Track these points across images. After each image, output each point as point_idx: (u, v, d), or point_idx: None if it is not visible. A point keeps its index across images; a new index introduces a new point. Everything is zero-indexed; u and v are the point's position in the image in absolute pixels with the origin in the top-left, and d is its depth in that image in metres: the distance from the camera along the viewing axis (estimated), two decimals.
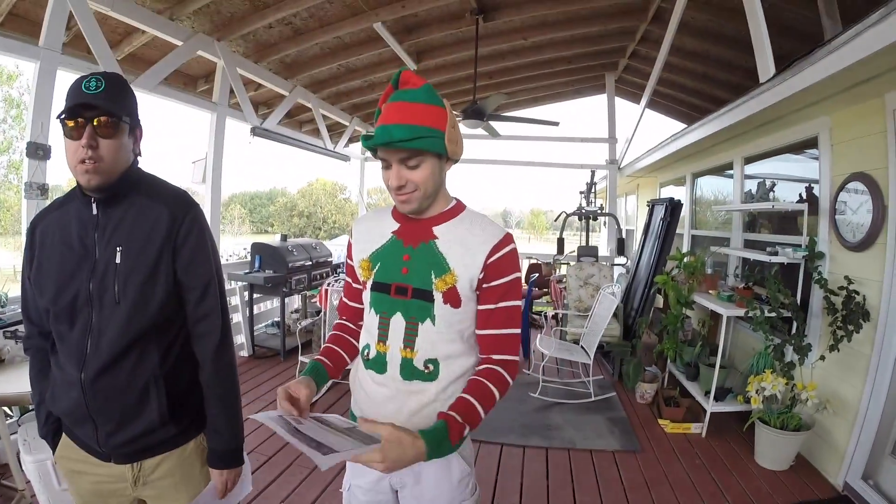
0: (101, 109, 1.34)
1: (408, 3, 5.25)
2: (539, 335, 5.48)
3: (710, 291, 4.62)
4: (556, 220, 8.13)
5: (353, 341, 1.66)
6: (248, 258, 6.26)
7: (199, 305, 1.49)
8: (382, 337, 1.48)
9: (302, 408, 1.33)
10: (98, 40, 3.97)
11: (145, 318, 1.40)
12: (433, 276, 1.42)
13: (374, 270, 1.51)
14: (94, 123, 1.34)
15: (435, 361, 1.45)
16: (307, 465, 3.51)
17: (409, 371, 1.46)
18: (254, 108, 7.33)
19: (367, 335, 1.55)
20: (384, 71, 7.06)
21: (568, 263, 7.11)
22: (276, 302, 6.77)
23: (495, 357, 1.46)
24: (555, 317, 7.05)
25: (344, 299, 1.71)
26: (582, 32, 6.54)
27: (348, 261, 1.64)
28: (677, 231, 6.16)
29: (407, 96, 1.37)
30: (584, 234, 7.89)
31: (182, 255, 1.44)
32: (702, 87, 7.23)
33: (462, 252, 1.43)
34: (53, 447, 1.57)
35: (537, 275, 8.23)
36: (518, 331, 1.49)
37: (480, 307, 1.46)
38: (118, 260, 1.38)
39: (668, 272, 4.88)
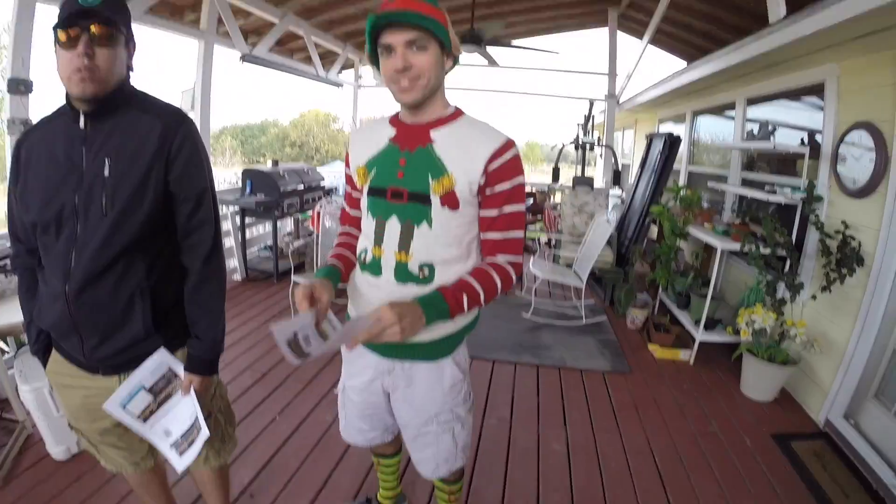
0: (100, 17, 1.28)
1: None
2: (532, 258, 5.49)
3: (706, 224, 4.60)
4: (552, 149, 8.04)
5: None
6: (240, 184, 6.23)
7: (193, 217, 1.46)
8: (378, 240, 1.49)
9: (322, 311, 1.35)
10: None
11: (131, 229, 1.37)
12: (430, 179, 1.41)
13: (371, 176, 1.50)
14: (92, 31, 1.28)
15: (430, 266, 1.45)
16: (302, 379, 3.57)
17: (403, 274, 1.46)
18: (244, 36, 7.11)
19: (365, 239, 1.55)
20: None
21: (563, 192, 7.09)
22: (268, 226, 6.74)
23: (500, 258, 1.47)
24: (548, 243, 7.10)
25: (345, 207, 1.72)
26: None
27: (346, 169, 1.64)
28: (675, 167, 6.08)
29: None
30: (580, 166, 7.82)
31: (175, 166, 1.40)
32: (708, 29, 6.94)
33: (460, 155, 1.41)
34: (44, 363, 1.59)
35: (532, 201, 8.20)
36: (522, 233, 1.48)
37: (483, 213, 1.45)
38: (106, 172, 1.34)
39: (663, 204, 4.87)
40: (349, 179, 1.63)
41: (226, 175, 8.33)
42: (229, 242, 6.04)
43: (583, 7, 8.13)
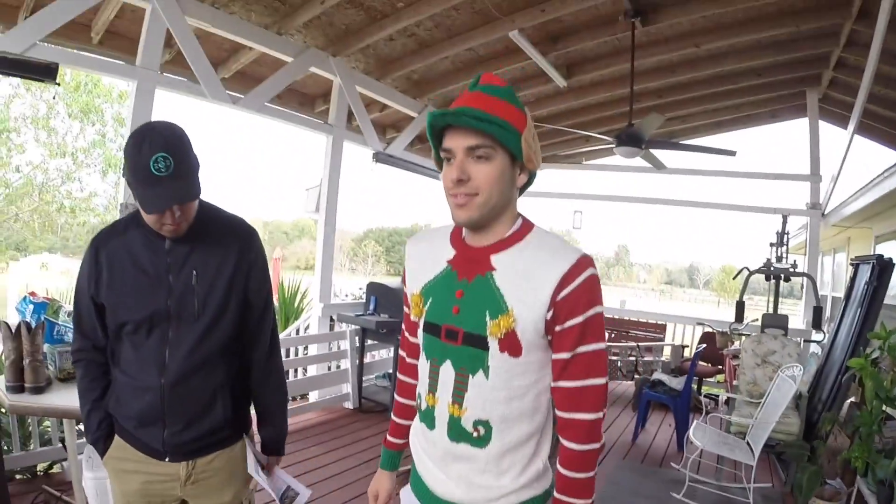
0: (187, 195, 1.73)
1: (548, 6, 5.25)
2: (695, 421, 5.15)
3: None
4: (734, 278, 7.64)
5: None
6: (364, 299, 6.63)
7: (262, 318, 1.99)
8: (432, 387, 1.51)
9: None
10: (199, 58, 4.56)
11: (221, 332, 1.87)
12: (487, 318, 1.40)
13: (426, 307, 1.52)
14: (175, 211, 1.73)
15: (486, 424, 1.43)
16: None
17: (456, 432, 1.47)
18: (381, 130, 7.78)
19: (420, 382, 1.58)
20: (530, 88, 7.21)
21: (748, 335, 6.65)
22: (391, 352, 6.98)
23: (564, 416, 1.43)
24: (727, 402, 6.62)
25: (406, 334, 1.75)
26: (769, 35, 6.14)
27: (404, 287, 1.68)
28: (893, 302, 5.51)
29: (486, 90, 1.40)
30: (773, 297, 7.33)
31: (252, 277, 1.93)
32: None
33: (523, 286, 1.39)
34: (103, 451, 1.95)
35: (705, 346, 7.78)
36: (603, 380, 1.43)
37: (555, 356, 1.42)
38: (194, 282, 1.83)
39: (867, 354, 4.40)
40: (407, 300, 1.65)
41: (344, 286, 8.85)
42: (345, 365, 6.40)
43: (774, 90, 7.89)
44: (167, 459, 1.88)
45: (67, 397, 2.91)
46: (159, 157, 1.64)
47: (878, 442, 4.15)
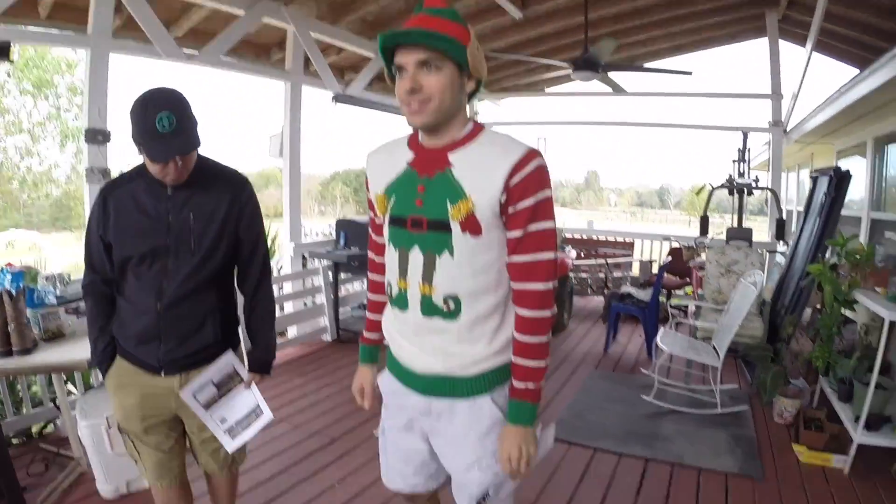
0: (188, 147, 2.02)
1: None
2: (662, 329, 5.43)
3: (878, 289, 4.25)
4: (697, 194, 7.87)
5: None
6: (334, 236, 6.88)
7: (252, 254, 2.31)
8: (402, 273, 1.70)
9: (368, 396, 2.00)
10: (150, 20, 4.55)
11: (213, 265, 2.17)
12: (448, 205, 1.59)
13: (390, 204, 1.72)
14: (178, 162, 2.02)
15: (455, 298, 1.64)
16: (372, 448, 3.72)
17: (428, 307, 1.67)
18: (339, 73, 7.77)
19: (389, 272, 1.78)
20: (486, 21, 7.21)
21: (706, 248, 6.93)
22: (364, 283, 7.23)
23: (518, 287, 1.64)
24: (696, 311, 6.90)
25: (372, 235, 1.98)
26: None
27: (368, 194, 1.88)
28: (855, 214, 5.71)
29: (431, 11, 1.56)
30: (736, 215, 7.58)
31: (243, 219, 2.23)
32: (886, 25, 6.52)
33: (478, 175, 1.57)
34: (105, 372, 2.27)
35: (671, 259, 8.04)
36: (552, 254, 1.62)
37: (509, 234, 1.61)
38: (192, 223, 2.12)
39: (825, 261, 4.62)
40: (371, 205, 1.86)
41: (314, 228, 8.97)
42: (320, 300, 6.67)
43: (733, 12, 7.95)
44: (162, 374, 2.19)
45: (54, 355, 3.13)
46: (163, 116, 1.91)
47: (839, 343, 4.38)
